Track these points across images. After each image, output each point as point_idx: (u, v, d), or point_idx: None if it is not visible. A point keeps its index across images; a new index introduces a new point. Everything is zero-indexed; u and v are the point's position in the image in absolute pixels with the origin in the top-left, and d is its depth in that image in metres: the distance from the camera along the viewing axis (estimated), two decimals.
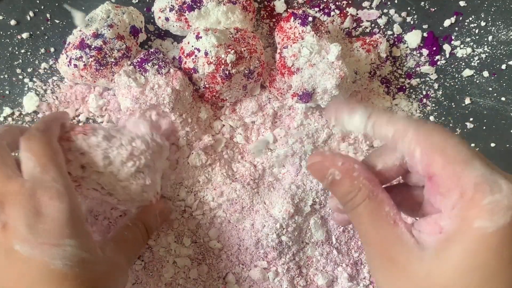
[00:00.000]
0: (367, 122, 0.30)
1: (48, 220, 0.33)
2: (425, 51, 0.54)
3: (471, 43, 0.54)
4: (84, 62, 0.46)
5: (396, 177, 0.32)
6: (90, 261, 0.34)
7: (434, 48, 0.54)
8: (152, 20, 0.52)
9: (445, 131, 0.28)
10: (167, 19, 0.50)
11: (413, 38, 0.54)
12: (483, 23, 0.54)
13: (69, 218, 0.34)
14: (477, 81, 0.54)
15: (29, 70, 0.52)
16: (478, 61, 0.54)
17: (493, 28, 0.54)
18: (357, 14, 0.55)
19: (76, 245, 0.34)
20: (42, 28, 0.53)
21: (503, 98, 0.53)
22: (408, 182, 0.33)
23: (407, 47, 0.54)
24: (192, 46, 0.47)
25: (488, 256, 0.25)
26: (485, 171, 0.27)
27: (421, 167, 0.28)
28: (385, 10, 0.55)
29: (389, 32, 0.55)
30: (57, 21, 0.53)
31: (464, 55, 0.54)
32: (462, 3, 0.55)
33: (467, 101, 0.53)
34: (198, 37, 0.46)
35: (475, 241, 0.25)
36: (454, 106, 0.53)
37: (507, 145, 0.53)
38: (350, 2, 0.55)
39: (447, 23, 0.55)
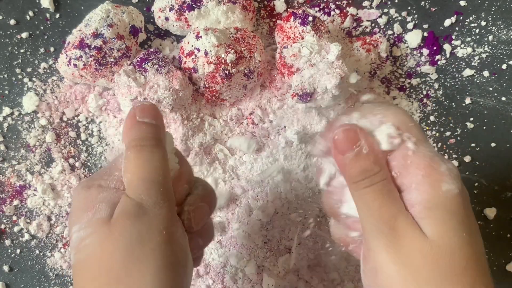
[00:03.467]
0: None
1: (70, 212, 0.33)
2: (425, 51, 0.54)
3: (472, 43, 0.54)
4: (83, 61, 0.46)
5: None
6: (90, 236, 0.31)
7: (435, 48, 0.54)
8: (152, 20, 0.52)
9: (410, 117, 0.32)
10: (167, 18, 0.50)
11: (413, 37, 0.54)
12: (483, 23, 0.54)
13: (77, 204, 0.32)
14: (478, 81, 0.54)
15: (28, 69, 0.52)
16: (478, 61, 0.54)
17: (494, 27, 0.54)
18: (357, 13, 0.55)
19: (78, 228, 0.31)
20: (42, 28, 0.53)
21: (503, 98, 0.53)
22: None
23: (407, 46, 0.54)
24: (192, 46, 0.47)
25: (463, 213, 0.29)
26: (435, 152, 0.31)
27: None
28: (385, 10, 0.55)
29: (389, 32, 0.54)
30: (57, 21, 0.53)
31: (465, 55, 0.54)
32: (462, 3, 0.55)
33: (468, 101, 0.53)
34: (198, 37, 0.46)
35: (449, 202, 0.29)
36: (454, 106, 0.53)
37: (507, 145, 0.53)
38: (350, 1, 0.55)
39: (447, 22, 0.54)
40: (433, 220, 0.29)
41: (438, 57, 0.54)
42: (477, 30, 0.54)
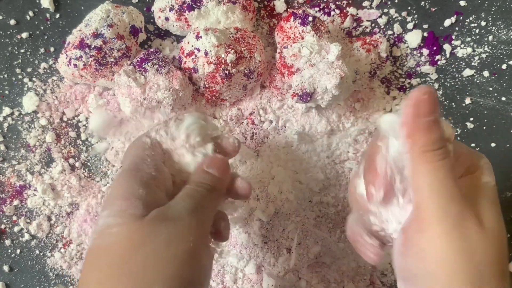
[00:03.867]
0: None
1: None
2: (425, 51, 0.54)
3: (472, 43, 0.54)
4: (84, 61, 0.46)
5: None
6: (118, 225, 0.31)
7: (435, 48, 0.54)
8: (152, 20, 0.52)
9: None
10: (167, 18, 0.50)
11: (413, 38, 0.54)
12: (483, 23, 0.54)
13: (115, 190, 0.33)
14: (478, 81, 0.54)
15: (28, 70, 0.52)
16: (478, 61, 0.54)
17: (494, 28, 0.54)
18: (357, 13, 0.55)
19: (107, 214, 0.31)
20: (42, 28, 0.53)
21: (503, 98, 0.53)
22: None
23: (407, 47, 0.54)
24: (192, 46, 0.47)
25: (497, 203, 0.32)
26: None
27: None
28: (385, 10, 0.55)
29: (389, 32, 0.54)
30: (57, 21, 0.53)
31: (465, 55, 0.54)
32: (462, 3, 0.55)
33: (468, 101, 0.53)
34: (198, 37, 0.46)
35: (489, 193, 0.32)
36: (454, 106, 0.53)
37: (507, 145, 0.53)
38: (350, 1, 0.55)
39: (447, 22, 0.54)
40: (482, 208, 0.31)
41: (438, 57, 0.54)
42: (477, 30, 0.54)
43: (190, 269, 0.31)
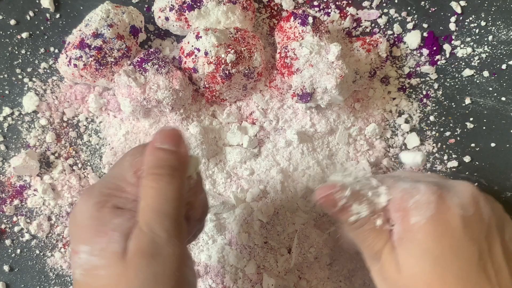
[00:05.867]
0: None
1: (71, 223, 0.32)
2: (425, 51, 0.54)
3: (471, 43, 0.54)
4: (84, 61, 0.46)
5: None
6: (104, 268, 0.31)
7: (435, 48, 0.54)
8: (152, 20, 0.52)
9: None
10: (167, 18, 0.50)
11: (413, 38, 0.54)
12: (483, 23, 0.54)
13: (87, 221, 0.31)
14: (477, 81, 0.54)
15: (28, 69, 0.52)
16: (478, 61, 0.54)
17: (493, 27, 0.54)
18: (357, 14, 0.55)
19: (89, 251, 0.31)
20: (42, 28, 0.53)
21: (503, 98, 0.53)
22: None
23: (407, 47, 0.54)
24: (192, 46, 0.47)
25: (430, 241, 0.33)
26: (409, 183, 0.35)
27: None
28: (385, 10, 0.55)
29: (389, 32, 0.55)
30: (57, 21, 0.53)
31: (464, 55, 0.54)
32: (462, 3, 0.55)
33: (467, 101, 0.53)
34: (198, 37, 0.46)
35: (415, 233, 0.33)
36: (454, 106, 0.53)
37: (507, 145, 0.53)
38: (350, 2, 0.55)
39: (447, 22, 0.54)
40: (401, 251, 0.34)
41: (438, 57, 0.54)
42: (477, 30, 0.54)
43: None
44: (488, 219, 0.34)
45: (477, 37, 0.54)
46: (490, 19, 0.54)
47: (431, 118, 0.53)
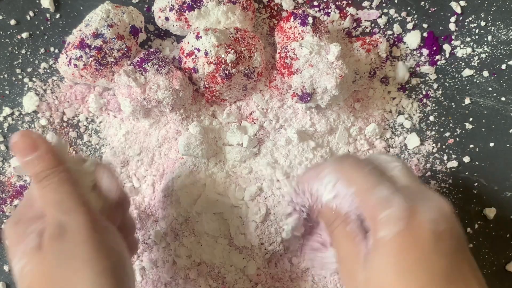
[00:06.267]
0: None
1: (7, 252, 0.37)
2: (425, 51, 0.54)
3: (471, 43, 0.54)
4: (84, 62, 0.46)
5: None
6: (26, 265, 0.34)
7: (434, 48, 0.54)
8: (152, 20, 0.52)
9: (357, 164, 0.37)
10: (167, 18, 0.50)
11: (412, 39, 0.54)
12: (483, 23, 0.54)
13: (9, 239, 0.35)
14: (477, 81, 0.54)
15: (29, 70, 0.52)
16: (478, 61, 0.54)
17: (493, 28, 0.54)
18: (357, 14, 0.55)
19: (17, 261, 0.34)
20: (42, 28, 0.53)
21: (503, 98, 0.53)
22: None
23: (407, 47, 0.54)
24: (192, 46, 0.47)
25: (395, 255, 0.32)
26: (386, 193, 0.34)
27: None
28: (385, 10, 0.55)
29: (389, 32, 0.55)
30: (57, 21, 0.53)
31: (464, 55, 0.54)
32: (462, 3, 0.55)
33: (467, 101, 0.53)
34: (198, 37, 0.46)
35: (381, 248, 0.33)
36: (454, 106, 0.53)
37: (507, 145, 0.53)
38: (350, 2, 0.55)
39: (447, 23, 0.55)
40: (368, 263, 0.34)
41: (437, 57, 0.54)
42: (477, 30, 0.54)
43: (105, 260, 0.34)
44: (459, 235, 0.34)
45: (477, 37, 0.54)
46: (490, 19, 0.54)
47: (431, 118, 0.53)
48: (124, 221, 0.41)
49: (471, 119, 0.53)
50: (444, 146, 0.53)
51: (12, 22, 0.52)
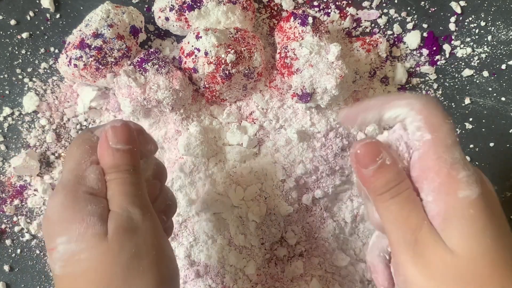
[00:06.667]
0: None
1: (44, 224, 0.32)
2: (425, 51, 0.54)
3: (471, 43, 0.54)
4: (84, 62, 0.46)
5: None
6: (84, 251, 0.30)
7: (434, 48, 0.54)
8: (152, 20, 0.52)
9: (444, 114, 0.31)
10: (167, 18, 0.50)
11: (412, 39, 0.54)
12: (483, 23, 0.54)
13: (61, 213, 0.31)
14: (477, 81, 0.54)
15: (29, 70, 0.52)
16: (478, 61, 0.54)
17: (493, 28, 0.54)
18: (357, 14, 0.55)
19: (66, 240, 0.30)
20: (42, 28, 0.53)
21: (503, 98, 0.53)
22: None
23: (407, 47, 0.54)
24: (192, 46, 0.47)
25: (484, 218, 0.28)
26: (460, 157, 0.30)
27: (416, 142, 0.31)
28: (385, 10, 0.55)
29: (389, 32, 0.55)
30: (57, 21, 0.53)
31: (464, 55, 0.54)
32: (462, 3, 0.55)
33: (467, 101, 0.53)
34: (198, 37, 0.46)
35: (466, 210, 0.28)
36: (454, 106, 0.53)
37: (507, 145, 0.53)
38: (350, 2, 0.55)
39: (447, 23, 0.55)
40: (452, 231, 0.29)
41: (437, 57, 0.54)
42: (477, 30, 0.54)
43: (165, 268, 0.32)
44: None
45: (477, 37, 0.54)
46: (489, 19, 0.54)
47: None
48: (166, 201, 0.38)
49: (471, 119, 0.53)
50: None
51: (12, 22, 0.52)
